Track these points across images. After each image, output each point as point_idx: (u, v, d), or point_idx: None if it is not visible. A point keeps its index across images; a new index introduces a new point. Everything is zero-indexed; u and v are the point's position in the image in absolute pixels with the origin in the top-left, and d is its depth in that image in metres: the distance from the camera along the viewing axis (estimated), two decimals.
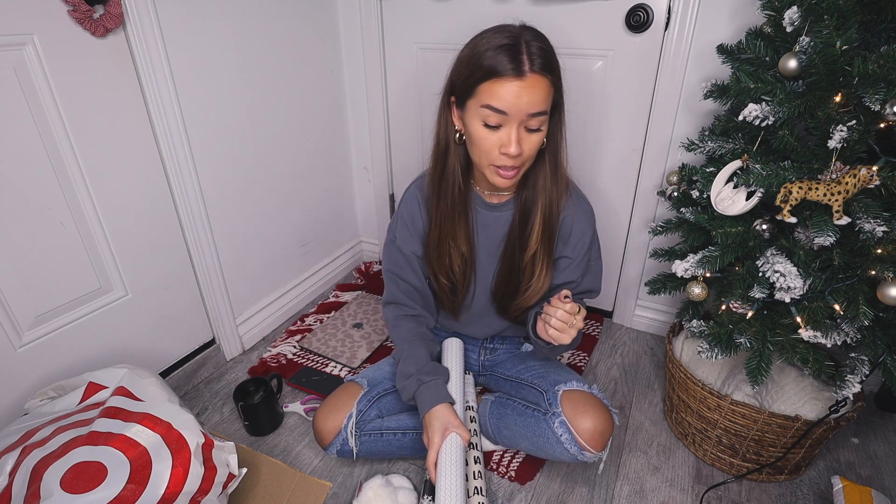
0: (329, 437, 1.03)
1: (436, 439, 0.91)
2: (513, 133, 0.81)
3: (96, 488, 0.76)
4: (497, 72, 0.79)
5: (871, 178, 0.74)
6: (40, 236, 0.99)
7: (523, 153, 0.83)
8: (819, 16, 0.76)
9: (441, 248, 1.00)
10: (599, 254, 1.07)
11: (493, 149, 0.84)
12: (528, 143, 0.83)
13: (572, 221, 0.98)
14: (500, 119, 0.81)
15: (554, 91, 0.82)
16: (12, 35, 0.89)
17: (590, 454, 0.94)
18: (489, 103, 0.80)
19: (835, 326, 0.84)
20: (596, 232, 1.04)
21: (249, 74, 1.31)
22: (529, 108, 0.79)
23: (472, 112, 0.84)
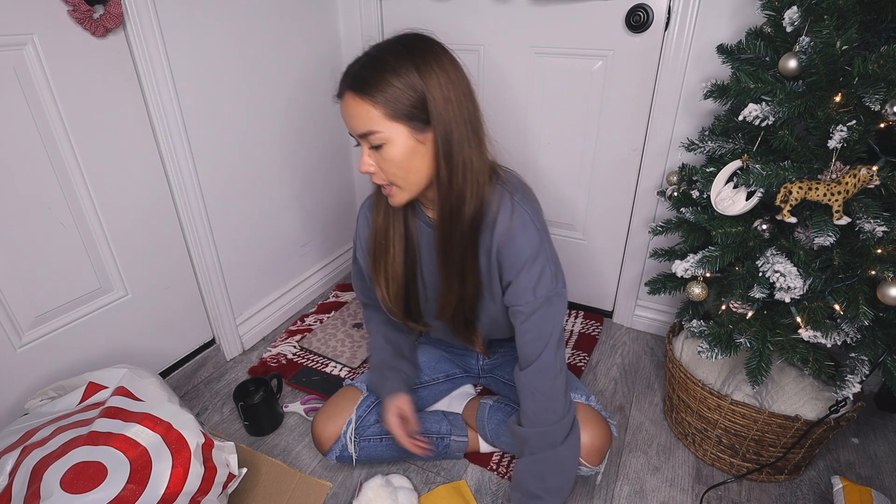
0: (328, 444, 1.03)
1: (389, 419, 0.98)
2: (363, 152, 0.78)
3: (96, 488, 0.76)
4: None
5: (871, 178, 0.74)
6: (40, 236, 0.99)
7: (378, 171, 0.79)
8: (819, 16, 0.76)
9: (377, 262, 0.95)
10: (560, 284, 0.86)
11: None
12: (377, 160, 0.78)
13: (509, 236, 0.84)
14: (355, 138, 0.79)
15: (385, 110, 0.73)
16: (12, 35, 0.89)
17: (587, 469, 0.93)
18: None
19: (835, 326, 0.84)
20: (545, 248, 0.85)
21: (249, 74, 1.31)
22: (355, 127, 0.76)
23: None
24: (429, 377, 1.15)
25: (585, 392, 1.00)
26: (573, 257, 1.59)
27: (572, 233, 1.56)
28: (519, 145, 1.50)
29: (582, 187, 1.47)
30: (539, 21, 1.33)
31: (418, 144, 0.77)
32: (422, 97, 0.73)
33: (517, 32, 1.36)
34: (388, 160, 0.77)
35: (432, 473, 1.09)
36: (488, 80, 1.46)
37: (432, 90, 0.74)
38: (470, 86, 0.79)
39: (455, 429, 1.10)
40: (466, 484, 1.06)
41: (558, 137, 1.44)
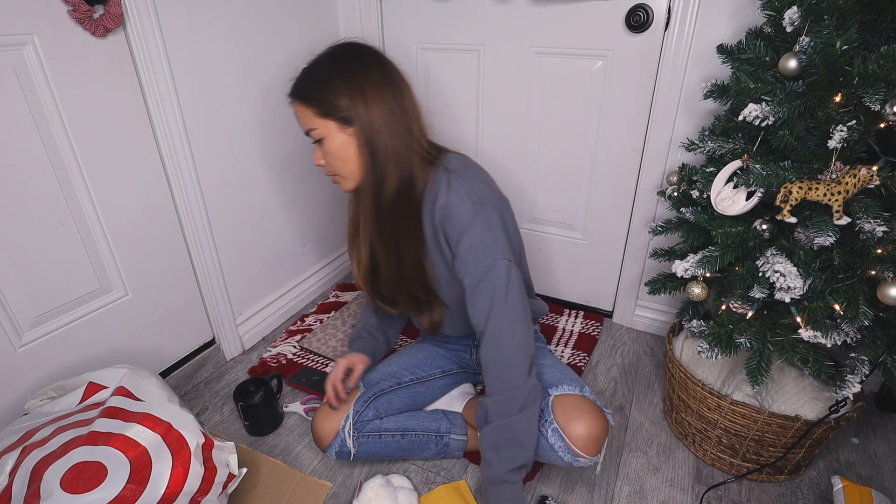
0: (327, 439, 1.03)
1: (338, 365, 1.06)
2: (315, 148, 0.93)
3: (96, 488, 0.76)
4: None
5: (871, 178, 0.74)
6: (40, 236, 0.99)
7: (325, 164, 0.94)
8: (819, 16, 0.76)
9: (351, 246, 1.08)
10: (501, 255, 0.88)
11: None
12: (324, 155, 0.92)
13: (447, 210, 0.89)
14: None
15: (317, 109, 0.88)
16: (12, 35, 0.89)
17: (584, 460, 0.93)
18: None
19: (835, 326, 0.84)
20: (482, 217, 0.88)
21: (249, 74, 1.31)
22: (301, 127, 0.93)
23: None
24: (425, 373, 1.15)
25: (579, 383, 1.00)
26: (573, 257, 1.59)
27: (572, 233, 1.56)
28: (519, 145, 1.50)
29: (582, 187, 1.47)
30: (539, 21, 1.33)
31: (348, 137, 0.89)
32: (343, 97, 0.87)
33: (517, 32, 1.36)
34: (328, 153, 0.91)
35: (432, 473, 1.09)
36: (488, 80, 1.46)
37: (352, 91, 0.87)
38: (399, 84, 0.91)
39: (455, 427, 1.10)
40: (466, 484, 1.06)
41: (558, 137, 1.44)
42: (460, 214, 0.88)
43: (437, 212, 0.90)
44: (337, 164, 0.92)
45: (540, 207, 1.57)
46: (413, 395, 1.12)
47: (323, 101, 0.88)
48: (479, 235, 0.88)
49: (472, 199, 0.89)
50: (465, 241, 0.88)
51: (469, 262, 0.89)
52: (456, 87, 1.52)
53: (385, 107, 0.88)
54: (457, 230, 0.89)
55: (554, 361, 1.07)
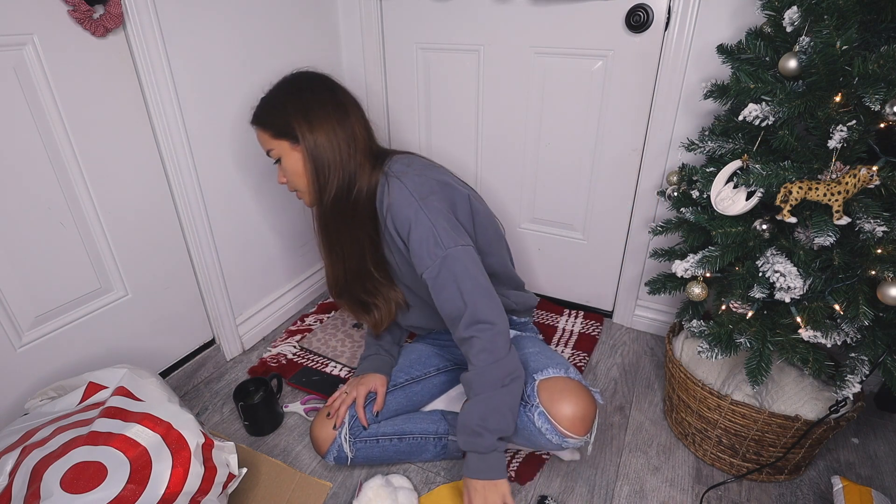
0: (325, 445, 1.04)
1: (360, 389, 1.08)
2: (277, 168, 1.02)
3: (96, 488, 0.76)
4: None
5: (871, 178, 0.74)
6: (40, 236, 0.99)
7: (287, 181, 1.01)
8: (819, 16, 0.76)
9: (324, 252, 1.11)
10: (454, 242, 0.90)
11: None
12: (284, 173, 1.01)
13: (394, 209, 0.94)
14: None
15: (272, 131, 0.98)
16: (12, 35, 0.89)
17: (573, 440, 0.92)
18: None
19: (835, 326, 0.84)
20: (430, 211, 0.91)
21: (249, 74, 1.31)
22: (263, 148, 1.01)
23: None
24: (420, 372, 1.16)
25: (564, 365, 0.99)
26: (573, 257, 1.59)
27: (572, 233, 1.56)
28: (519, 145, 1.50)
29: (582, 187, 1.47)
30: (539, 21, 1.33)
31: (298, 154, 0.97)
32: (292, 119, 0.95)
33: (517, 32, 1.36)
34: (285, 170, 1.00)
35: (432, 473, 1.09)
36: (488, 80, 1.46)
37: (298, 114, 0.95)
38: (345, 103, 0.98)
39: (453, 429, 1.10)
40: None
41: (558, 137, 1.44)
42: (404, 212, 0.92)
43: (386, 214, 0.96)
44: (294, 180, 1.00)
45: (540, 207, 1.57)
46: (409, 394, 1.13)
47: (275, 124, 0.97)
48: (427, 228, 0.91)
49: (413, 196, 0.93)
50: (414, 236, 0.91)
51: (424, 256, 0.91)
52: (456, 87, 1.52)
53: (328, 125, 0.95)
54: (404, 227, 0.93)
55: (541, 349, 1.06)
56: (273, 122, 0.97)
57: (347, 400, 1.06)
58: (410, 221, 0.91)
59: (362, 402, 1.06)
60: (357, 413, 1.05)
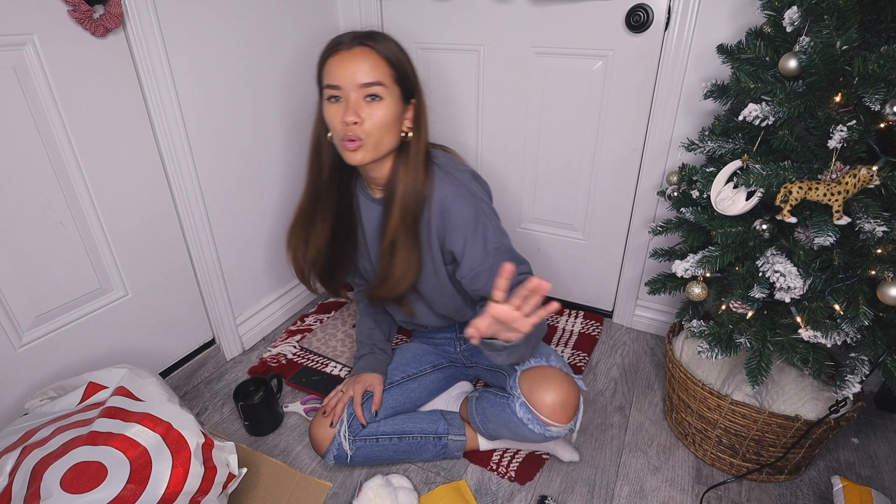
0: (325, 444, 1.04)
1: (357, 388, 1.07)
2: (350, 101, 0.86)
3: (96, 488, 0.76)
4: (331, 49, 0.88)
5: (871, 178, 0.74)
6: (40, 236, 0.99)
7: (363, 123, 0.86)
8: (819, 16, 0.76)
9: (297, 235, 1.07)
10: (503, 235, 0.96)
11: (337, 122, 0.88)
12: (367, 113, 0.86)
13: (448, 202, 0.93)
14: (338, 93, 0.87)
15: (393, 71, 0.87)
16: (12, 35, 0.89)
17: (556, 429, 0.92)
18: (327, 82, 0.88)
19: (835, 326, 0.84)
20: (482, 209, 0.94)
21: (249, 74, 1.31)
22: (359, 77, 0.85)
23: (323, 97, 0.91)
24: (415, 370, 1.16)
25: (545, 354, 0.99)
26: (573, 257, 1.59)
27: (572, 233, 1.56)
28: (518, 145, 1.50)
29: (582, 187, 1.47)
30: (539, 21, 1.33)
31: (400, 115, 0.90)
32: (413, 75, 0.90)
33: (517, 32, 1.36)
34: (375, 116, 0.87)
35: (432, 473, 1.09)
36: (488, 80, 1.46)
37: (416, 76, 0.91)
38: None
39: (453, 428, 1.10)
40: (466, 484, 1.06)
41: (558, 137, 1.44)
42: (463, 208, 0.92)
43: (435, 205, 0.93)
44: (376, 134, 0.88)
45: (540, 207, 1.57)
46: (406, 392, 1.13)
47: (400, 64, 0.88)
48: (485, 226, 0.93)
49: (470, 191, 0.94)
50: (474, 234, 0.92)
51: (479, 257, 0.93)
52: (456, 87, 1.52)
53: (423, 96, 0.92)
54: (460, 224, 0.92)
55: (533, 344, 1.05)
56: (399, 61, 0.89)
57: (344, 398, 1.06)
58: (469, 220, 0.92)
59: (359, 400, 1.06)
60: (355, 411, 1.05)
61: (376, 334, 1.21)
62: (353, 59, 0.85)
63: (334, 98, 0.88)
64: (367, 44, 0.86)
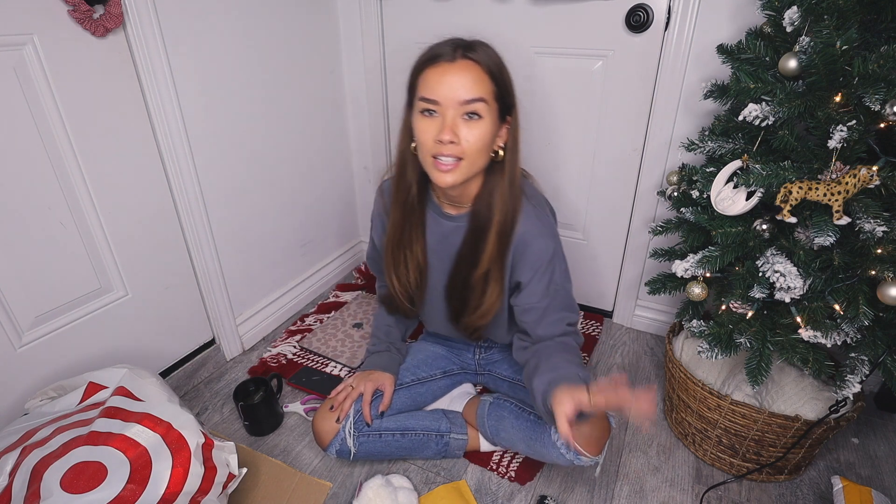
0: (328, 438, 1.03)
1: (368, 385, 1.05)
2: (447, 119, 0.81)
3: (96, 488, 0.76)
4: (429, 60, 0.83)
5: (871, 178, 0.74)
6: (40, 236, 0.99)
7: (460, 142, 0.81)
8: (819, 16, 0.76)
9: (397, 256, 1.01)
10: (567, 279, 0.98)
11: (429, 139, 0.82)
12: (465, 133, 0.81)
13: (530, 237, 0.92)
14: (434, 107, 0.82)
15: (494, 87, 0.82)
16: (12, 35, 0.89)
17: (586, 459, 0.93)
18: (422, 94, 0.83)
19: (835, 326, 0.84)
20: (559, 251, 0.95)
21: (249, 74, 1.31)
22: (461, 94, 0.79)
23: (415, 109, 0.86)
24: (426, 374, 1.15)
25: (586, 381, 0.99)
26: (573, 257, 1.58)
27: (572, 233, 1.56)
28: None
29: (582, 187, 1.47)
30: (539, 21, 1.33)
31: (495, 133, 0.85)
32: (512, 90, 0.85)
33: (517, 32, 1.36)
34: (474, 135, 0.81)
35: (432, 473, 1.09)
36: None
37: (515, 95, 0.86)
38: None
39: (455, 427, 1.10)
40: (466, 484, 1.06)
41: (558, 137, 1.44)
42: (543, 248, 0.92)
43: (517, 237, 0.91)
44: (473, 153, 0.83)
45: None
46: (413, 395, 1.12)
47: (502, 79, 0.83)
48: (555, 267, 0.94)
49: (553, 233, 0.94)
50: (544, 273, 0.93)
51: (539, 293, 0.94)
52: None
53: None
54: (537, 262, 0.92)
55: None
56: (502, 82, 0.83)
57: (353, 395, 1.05)
58: (545, 260, 0.92)
59: (369, 399, 1.04)
60: (363, 410, 1.04)
61: (394, 332, 1.17)
62: (456, 72, 0.80)
63: (428, 112, 0.82)
64: (470, 56, 0.80)
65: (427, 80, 0.82)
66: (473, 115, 0.81)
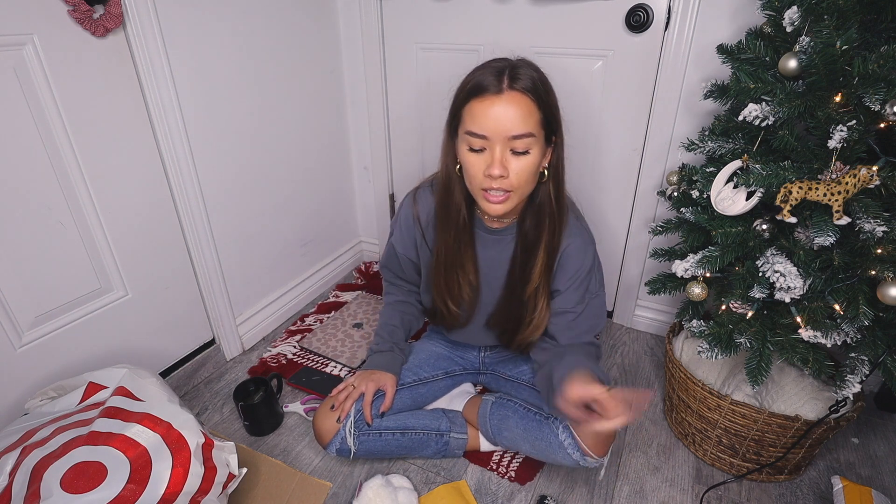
0: (328, 436, 1.03)
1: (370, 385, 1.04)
2: (496, 153, 0.80)
3: (96, 488, 0.76)
4: (475, 91, 0.80)
5: (871, 178, 0.74)
6: (40, 236, 0.99)
7: (509, 176, 0.81)
8: (819, 16, 0.76)
9: (449, 277, 1.02)
10: (601, 287, 1.01)
11: (478, 173, 0.82)
12: (515, 167, 0.81)
13: (572, 250, 0.95)
14: (482, 143, 0.81)
15: (542, 115, 0.80)
16: (12, 35, 0.89)
17: (592, 460, 0.94)
18: (469, 129, 0.81)
19: (835, 326, 0.84)
20: (597, 260, 0.99)
21: (249, 74, 1.31)
22: (509, 128, 0.78)
23: (461, 139, 0.85)
24: (428, 374, 1.15)
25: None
26: None
27: None
28: None
29: (582, 187, 1.47)
30: (539, 21, 1.33)
31: (542, 158, 0.84)
32: (557, 116, 0.83)
33: (517, 32, 1.36)
34: (523, 168, 0.81)
35: (432, 473, 1.09)
36: None
37: (558, 109, 0.83)
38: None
39: (455, 426, 1.10)
40: (466, 484, 1.06)
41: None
42: (584, 260, 0.95)
43: (561, 249, 0.94)
44: (523, 184, 0.83)
45: None
46: (414, 395, 1.12)
47: (548, 106, 0.80)
48: (591, 278, 0.97)
49: (593, 246, 0.97)
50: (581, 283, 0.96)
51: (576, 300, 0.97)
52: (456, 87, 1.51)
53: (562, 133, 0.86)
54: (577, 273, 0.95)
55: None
56: (547, 108, 0.80)
57: (354, 394, 1.04)
58: (584, 271, 0.96)
59: (370, 400, 1.04)
60: (363, 410, 1.04)
61: (399, 333, 1.16)
62: (504, 107, 0.77)
63: (477, 147, 0.82)
64: (516, 87, 0.78)
65: (473, 114, 0.80)
66: (522, 153, 0.80)
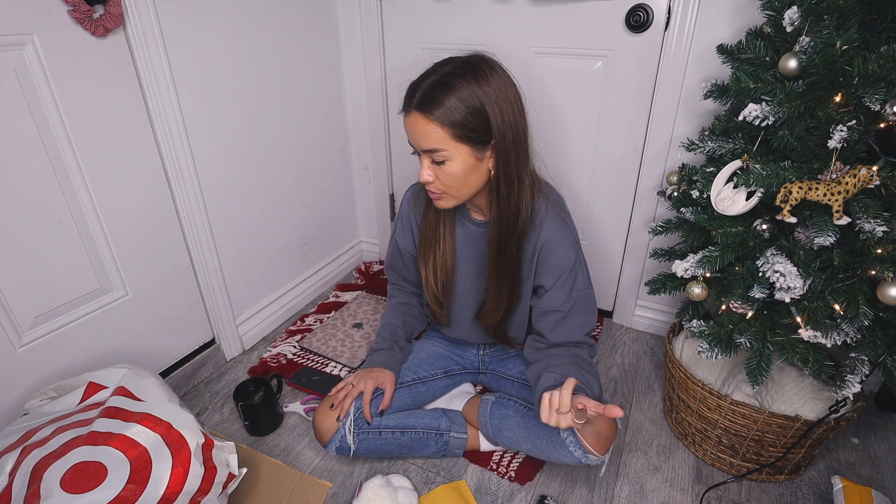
0: (328, 435, 1.03)
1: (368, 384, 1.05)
2: (423, 162, 0.87)
3: (96, 488, 0.76)
4: (402, 103, 0.86)
5: (871, 178, 0.74)
6: (40, 236, 0.99)
7: (437, 182, 0.87)
8: (819, 16, 0.76)
9: (427, 254, 1.06)
10: (589, 285, 1.01)
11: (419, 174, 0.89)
12: (439, 173, 0.86)
13: (552, 244, 0.95)
14: (414, 149, 0.88)
15: (452, 131, 0.81)
16: (12, 35, 0.89)
17: (593, 457, 0.94)
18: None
19: (835, 326, 0.84)
20: (580, 258, 0.99)
21: (249, 74, 1.31)
22: (420, 143, 0.84)
23: None
24: (427, 373, 1.16)
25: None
26: None
27: None
28: None
29: (582, 187, 1.47)
30: (539, 21, 1.33)
31: (477, 162, 0.86)
32: (485, 123, 0.82)
33: (517, 32, 1.36)
34: (447, 174, 0.86)
35: (432, 473, 1.09)
36: None
37: (494, 117, 0.82)
38: (523, 106, 0.88)
39: (455, 425, 1.11)
40: (466, 484, 1.06)
41: (558, 137, 1.44)
42: (566, 253, 0.95)
43: (542, 243, 0.95)
44: (454, 186, 0.87)
45: None
46: (414, 394, 1.13)
47: (463, 126, 0.80)
48: (577, 273, 0.97)
49: (575, 239, 0.97)
50: (566, 278, 0.96)
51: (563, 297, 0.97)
52: None
53: (518, 132, 0.86)
54: (560, 267, 0.95)
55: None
56: (458, 124, 0.80)
57: (353, 393, 1.05)
58: (568, 266, 0.96)
59: (369, 398, 1.04)
60: (363, 409, 1.04)
61: (400, 333, 1.17)
62: (412, 125, 0.83)
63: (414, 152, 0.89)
64: (418, 110, 0.81)
65: (404, 125, 0.86)
66: (441, 162, 0.84)
